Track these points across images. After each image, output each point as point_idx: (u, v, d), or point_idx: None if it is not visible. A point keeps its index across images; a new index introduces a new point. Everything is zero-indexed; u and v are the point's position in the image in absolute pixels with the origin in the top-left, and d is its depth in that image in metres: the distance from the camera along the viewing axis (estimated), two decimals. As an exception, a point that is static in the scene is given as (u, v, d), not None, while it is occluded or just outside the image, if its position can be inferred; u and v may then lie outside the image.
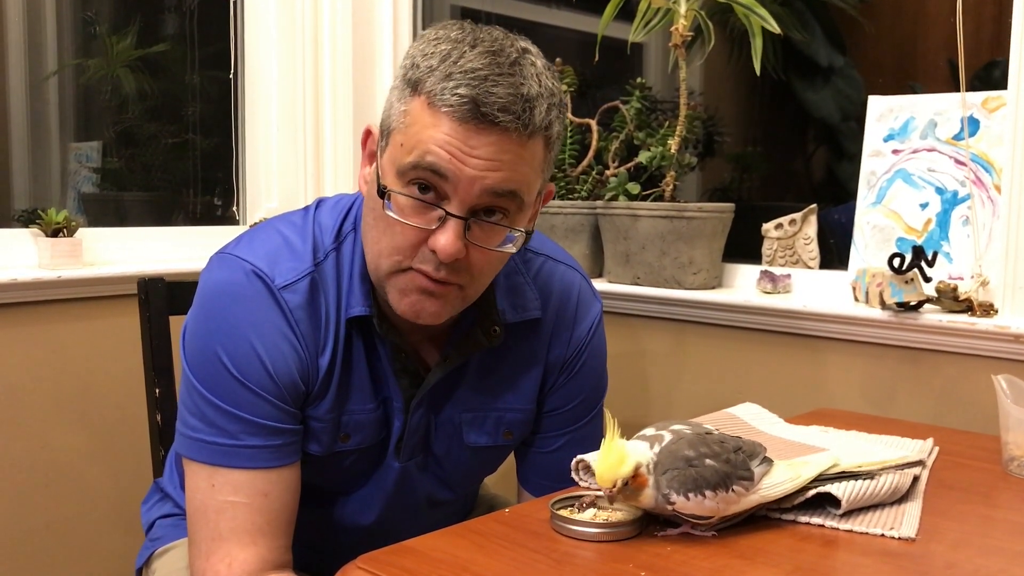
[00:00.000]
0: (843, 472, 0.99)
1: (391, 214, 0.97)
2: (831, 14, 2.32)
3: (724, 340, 1.80)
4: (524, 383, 1.17)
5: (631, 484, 0.88)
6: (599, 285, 1.90)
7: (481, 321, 1.10)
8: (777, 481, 0.94)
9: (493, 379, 1.15)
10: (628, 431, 0.93)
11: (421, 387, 1.10)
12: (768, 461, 0.95)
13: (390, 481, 1.14)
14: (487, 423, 1.16)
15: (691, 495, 0.87)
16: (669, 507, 0.88)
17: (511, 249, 1.01)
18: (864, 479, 0.98)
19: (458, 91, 0.92)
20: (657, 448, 0.90)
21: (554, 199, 2.02)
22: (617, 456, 0.88)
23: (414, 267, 0.99)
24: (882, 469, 1.01)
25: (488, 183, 0.94)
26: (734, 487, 0.89)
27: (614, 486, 0.87)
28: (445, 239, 0.95)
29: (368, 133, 1.05)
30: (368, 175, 1.04)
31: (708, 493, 0.88)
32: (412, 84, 0.96)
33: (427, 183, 0.95)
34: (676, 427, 0.93)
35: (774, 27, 1.70)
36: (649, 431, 0.93)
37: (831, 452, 1.02)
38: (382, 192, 0.97)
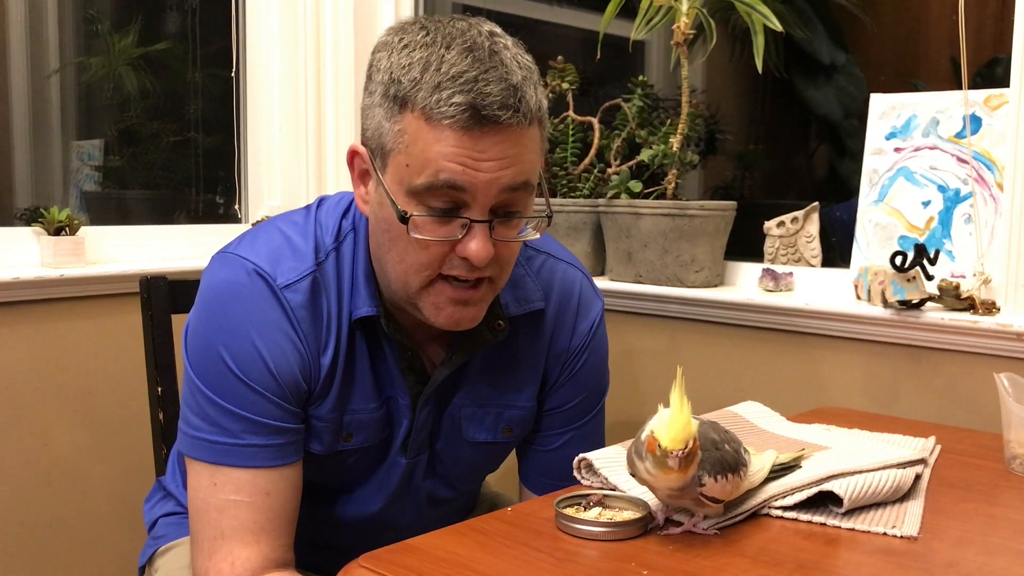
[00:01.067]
0: (783, 464, 1.03)
1: (418, 236, 0.96)
2: (833, 11, 2.32)
3: (726, 338, 1.80)
4: (526, 380, 1.17)
5: (693, 448, 0.85)
6: (601, 283, 1.90)
7: (485, 316, 1.10)
8: (755, 469, 0.97)
9: (496, 375, 1.15)
10: (630, 429, 0.94)
11: (428, 385, 1.10)
12: (747, 451, 0.96)
13: (393, 478, 1.14)
14: (487, 419, 1.16)
15: (719, 477, 0.88)
16: (699, 488, 0.88)
17: (534, 234, 1.02)
18: (866, 475, 0.98)
19: (453, 100, 0.91)
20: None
21: (556, 197, 2.02)
22: (685, 419, 0.85)
23: (444, 273, 0.99)
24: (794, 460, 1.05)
25: (504, 182, 0.94)
26: (740, 472, 0.91)
27: (685, 447, 0.84)
28: (476, 245, 0.95)
29: (354, 153, 1.03)
30: (366, 195, 1.03)
31: (730, 476, 0.89)
32: (399, 101, 0.94)
33: (445, 197, 0.95)
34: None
35: (776, 25, 1.70)
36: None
37: (772, 450, 1.04)
38: (404, 218, 0.96)
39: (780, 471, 1.02)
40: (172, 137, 2.25)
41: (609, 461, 1.04)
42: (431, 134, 0.93)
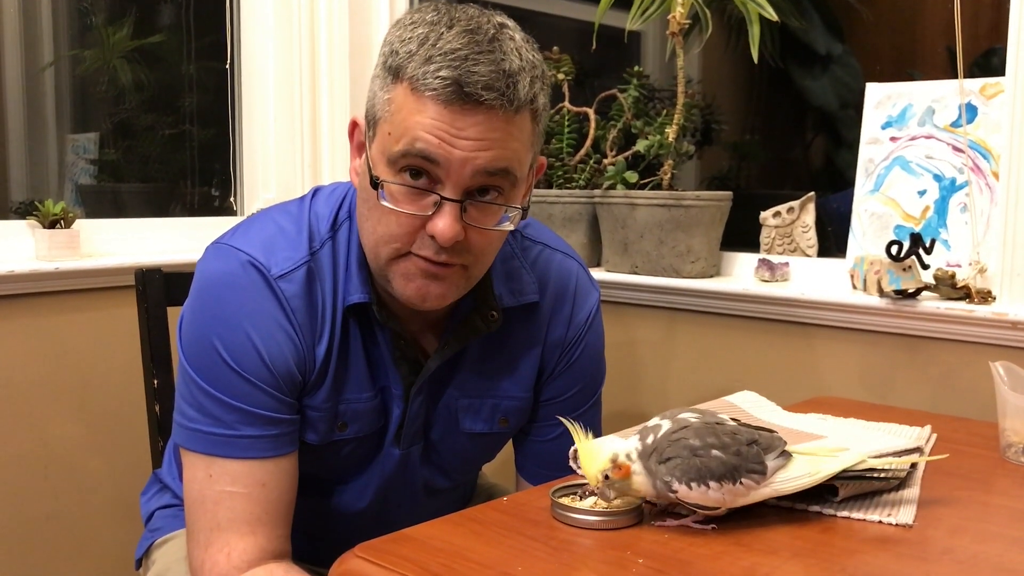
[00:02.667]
0: (868, 470, 0.97)
1: (386, 203, 0.97)
2: (829, 1, 2.31)
3: (722, 328, 1.80)
4: (522, 370, 1.17)
5: (616, 475, 0.88)
6: (597, 274, 1.90)
7: (479, 307, 1.10)
8: (794, 475, 0.92)
9: (491, 366, 1.15)
10: (626, 420, 0.94)
11: (420, 374, 1.10)
12: (786, 455, 0.93)
13: (389, 468, 1.14)
14: (483, 410, 1.16)
15: (694, 484, 0.87)
16: (672, 495, 0.88)
17: (509, 226, 1.01)
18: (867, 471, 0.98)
19: (440, 73, 0.92)
20: (651, 438, 0.90)
21: (552, 188, 2.02)
22: (588, 454, 0.89)
23: (414, 252, 0.99)
24: (901, 466, 1.01)
25: (479, 163, 0.94)
26: (743, 479, 0.89)
27: (599, 482, 0.89)
28: (443, 223, 0.95)
29: (355, 124, 1.05)
30: (359, 167, 1.04)
31: (712, 484, 0.87)
32: (393, 71, 0.96)
33: (419, 169, 0.95)
34: (683, 415, 0.92)
35: (771, 15, 1.70)
36: (653, 421, 0.93)
37: (858, 449, 0.99)
38: (375, 183, 0.96)
39: (861, 475, 0.96)
40: (167, 130, 2.24)
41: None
42: (415, 104, 0.93)
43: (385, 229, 0.99)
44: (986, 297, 1.49)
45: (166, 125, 2.24)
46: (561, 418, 0.97)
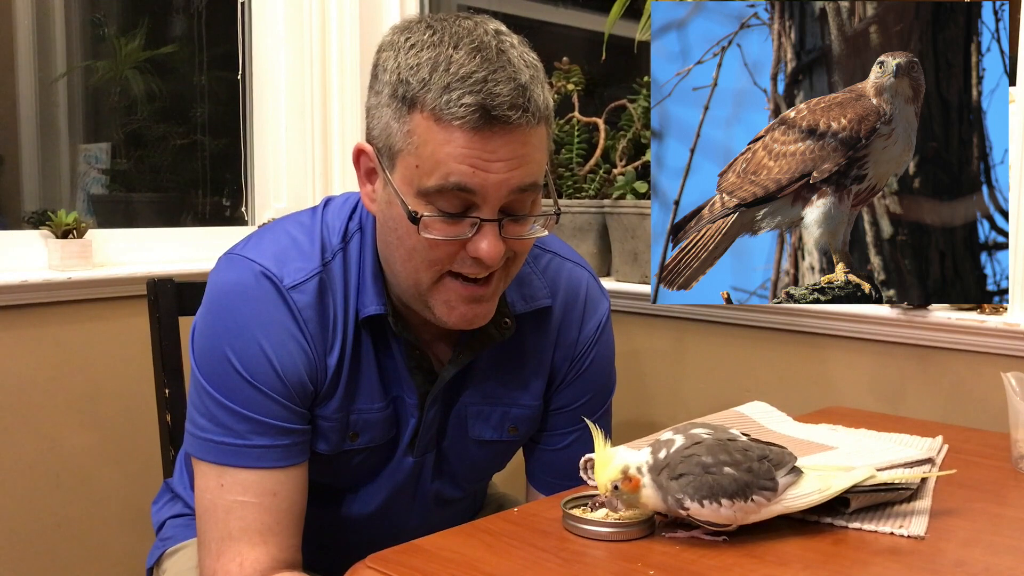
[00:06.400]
0: (879, 484, 0.96)
1: (429, 236, 0.96)
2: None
3: (732, 338, 1.80)
4: (532, 379, 1.17)
5: (625, 487, 0.88)
6: (607, 284, 1.90)
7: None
8: (804, 492, 0.91)
9: (502, 374, 1.15)
10: (636, 430, 0.94)
11: (435, 384, 1.11)
12: (796, 471, 0.92)
13: (400, 478, 1.14)
14: (493, 417, 1.16)
15: (706, 502, 0.87)
16: (683, 512, 0.88)
17: (542, 232, 1.02)
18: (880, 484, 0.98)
19: (463, 101, 0.91)
20: (664, 452, 0.89)
21: (561, 198, 2.02)
22: (602, 461, 0.89)
23: (454, 270, 0.99)
24: (911, 479, 1.00)
25: (514, 182, 0.95)
26: (754, 496, 0.88)
27: (607, 491, 0.89)
28: (487, 244, 0.95)
29: (360, 152, 1.03)
30: (373, 193, 1.03)
31: (724, 501, 0.87)
32: (408, 101, 0.94)
33: (455, 199, 0.95)
34: (695, 431, 0.92)
35: (781, 25, 1.70)
36: (666, 434, 0.93)
37: (868, 465, 0.98)
38: (414, 218, 0.96)
39: (875, 489, 0.96)
40: (179, 140, 2.26)
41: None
42: (441, 135, 0.92)
43: (424, 256, 0.98)
44: (997, 307, 1.49)
45: (178, 135, 2.25)
46: (586, 419, 0.97)
